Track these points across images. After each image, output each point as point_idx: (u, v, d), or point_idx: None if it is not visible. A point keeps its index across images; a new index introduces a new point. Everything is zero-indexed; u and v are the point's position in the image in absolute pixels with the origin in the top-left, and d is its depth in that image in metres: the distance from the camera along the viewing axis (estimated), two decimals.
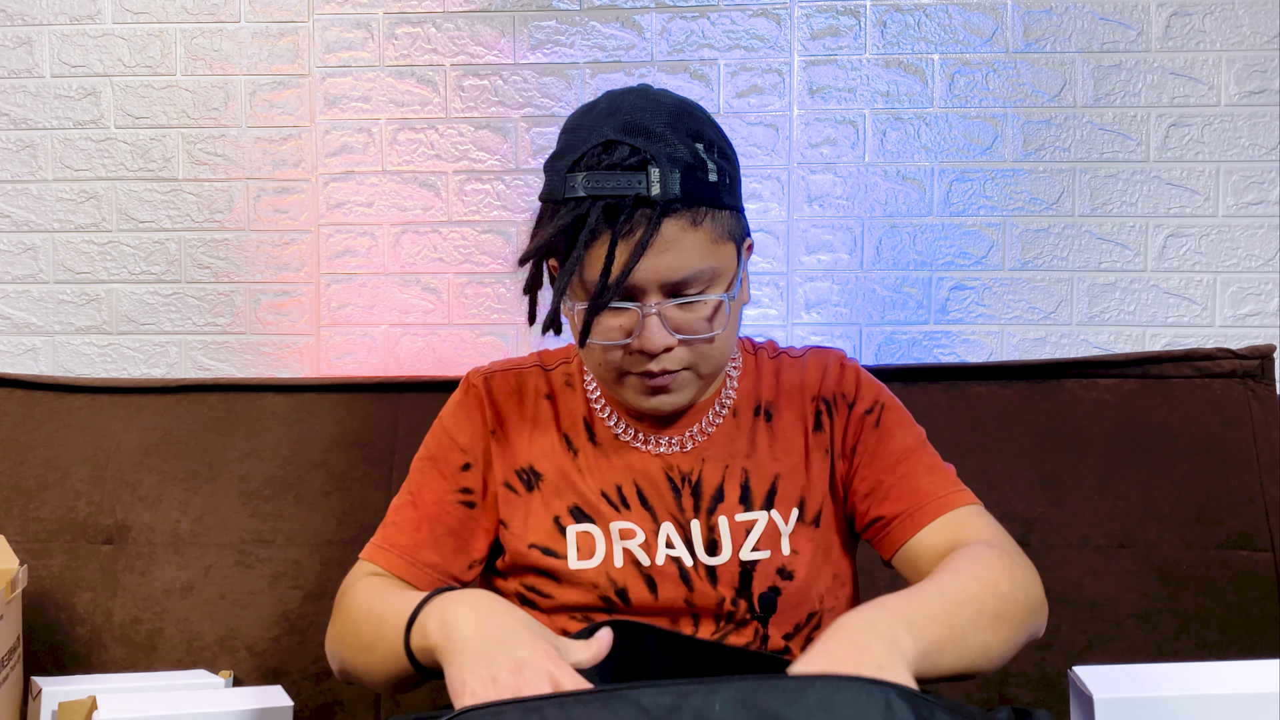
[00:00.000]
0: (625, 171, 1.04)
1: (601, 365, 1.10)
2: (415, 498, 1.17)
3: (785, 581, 1.11)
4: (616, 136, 1.05)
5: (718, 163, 1.08)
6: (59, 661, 1.54)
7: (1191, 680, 0.87)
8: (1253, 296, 1.76)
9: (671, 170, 1.04)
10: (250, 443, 1.62)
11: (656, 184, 1.03)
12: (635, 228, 1.03)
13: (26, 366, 1.84)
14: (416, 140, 1.81)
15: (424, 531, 1.14)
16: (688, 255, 1.05)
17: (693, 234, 1.05)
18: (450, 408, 1.21)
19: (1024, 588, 1.01)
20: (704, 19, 1.78)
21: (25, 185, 1.84)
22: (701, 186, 1.06)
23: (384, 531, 1.16)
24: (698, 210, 1.05)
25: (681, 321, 1.06)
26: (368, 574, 1.13)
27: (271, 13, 1.82)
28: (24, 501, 1.60)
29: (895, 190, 1.78)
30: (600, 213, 1.03)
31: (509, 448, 1.17)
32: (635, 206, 1.03)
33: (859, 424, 1.16)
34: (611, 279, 1.03)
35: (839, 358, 1.21)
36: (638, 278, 1.04)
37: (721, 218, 1.08)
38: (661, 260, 1.04)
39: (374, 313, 1.82)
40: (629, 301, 1.05)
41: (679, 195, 1.04)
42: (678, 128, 1.07)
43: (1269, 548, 1.50)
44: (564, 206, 1.06)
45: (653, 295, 1.05)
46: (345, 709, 1.53)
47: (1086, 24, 1.75)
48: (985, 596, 0.96)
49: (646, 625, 1.03)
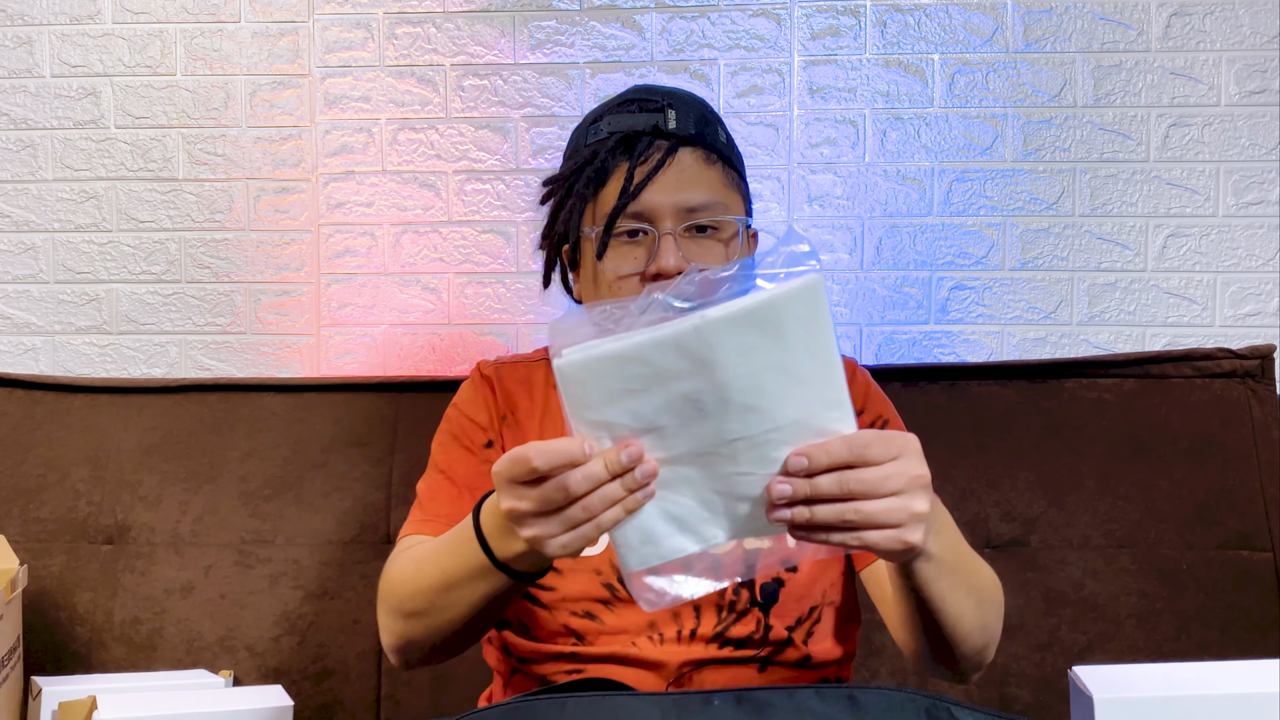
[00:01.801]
0: (645, 112, 1.12)
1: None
2: (448, 473, 1.16)
3: (789, 573, 1.11)
4: (638, 95, 1.16)
5: (728, 134, 1.17)
6: (59, 661, 1.53)
7: (1191, 680, 0.87)
8: (1253, 296, 1.76)
9: (688, 115, 1.12)
10: (250, 443, 1.62)
11: (674, 120, 1.11)
12: (652, 155, 1.10)
13: (26, 366, 1.84)
14: (416, 140, 1.81)
15: (466, 500, 1.11)
16: (702, 184, 1.10)
17: (708, 169, 1.12)
18: (463, 393, 1.22)
19: (998, 607, 1.07)
20: (704, 19, 1.78)
21: (25, 185, 1.84)
22: (715, 138, 1.14)
23: (423, 508, 1.15)
24: (711, 154, 1.12)
25: (696, 251, 1.10)
26: (407, 547, 1.11)
27: (271, 13, 1.82)
28: (24, 501, 1.60)
29: (895, 190, 1.78)
30: (619, 142, 1.11)
31: (520, 433, 1.17)
32: (654, 138, 1.10)
33: None
34: (628, 194, 1.08)
35: (850, 365, 1.21)
36: (653, 197, 1.09)
37: (732, 175, 1.15)
38: (677, 182, 1.09)
39: (374, 313, 1.82)
40: (644, 224, 1.10)
41: (694, 134, 1.12)
42: (695, 98, 1.17)
43: (1269, 548, 1.50)
44: (584, 149, 1.14)
45: (667, 220, 1.09)
46: (345, 709, 1.53)
47: (1086, 24, 1.75)
48: (984, 579, 1.03)
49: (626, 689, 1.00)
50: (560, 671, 1.12)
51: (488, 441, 1.17)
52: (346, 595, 1.55)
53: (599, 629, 1.11)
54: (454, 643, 1.04)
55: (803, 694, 0.83)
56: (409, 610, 1.03)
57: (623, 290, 1.09)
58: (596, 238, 1.10)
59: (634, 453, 0.79)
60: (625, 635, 1.10)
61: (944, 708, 0.82)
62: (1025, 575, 1.51)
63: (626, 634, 1.10)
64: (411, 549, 1.08)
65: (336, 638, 1.54)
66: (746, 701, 0.83)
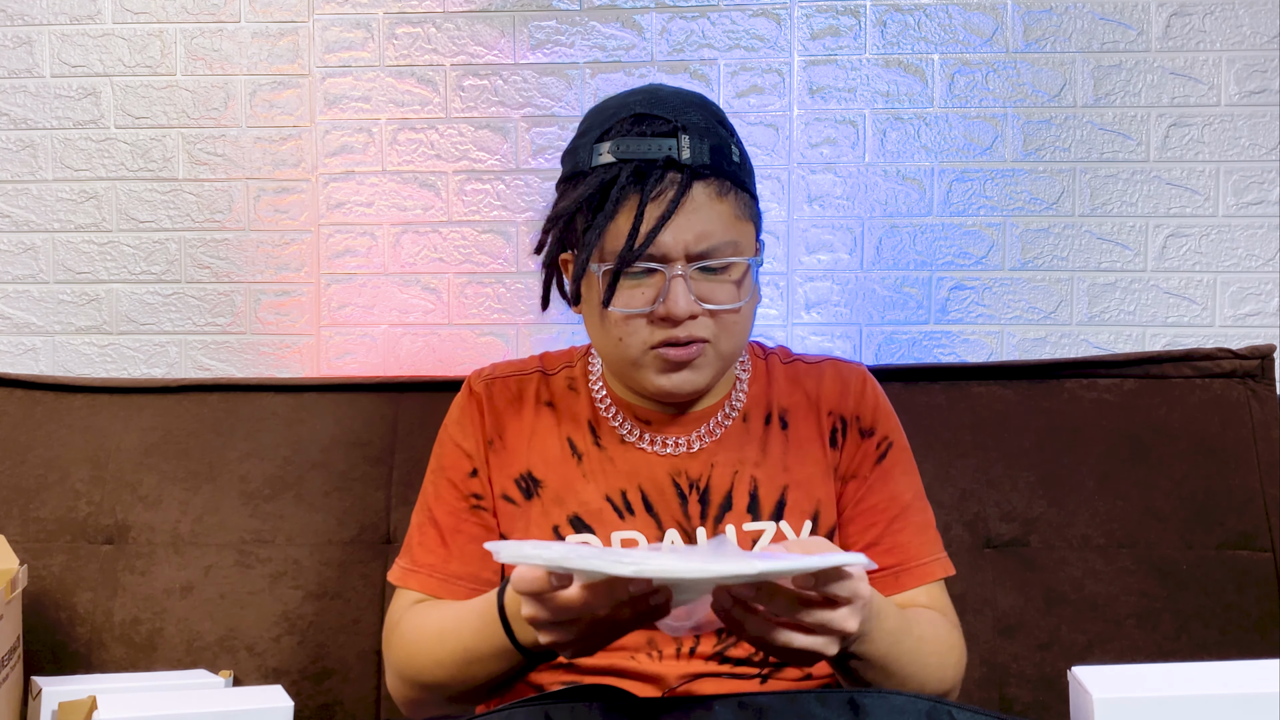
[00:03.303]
0: (656, 137, 1.04)
1: (621, 342, 1.07)
2: (432, 514, 1.16)
3: None
4: (645, 110, 1.06)
5: (740, 148, 1.10)
6: (59, 661, 1.53)
7: (1191, 680, 0.87)
8: (1253, 296, 1.76)
9: (701, 140, 1.04)
10: (250, 443, 1.62)
11: (687, 149, 1.03)
12: (665, 190, 1.03)
13: (26, 366, 1.84)
14: (416, 140, 1.81)
15: (448, 546, 1.14)
16: (715, 223, 1.05)
17: (720, 204, 1.05)
18: (453, 413, 1.21)
19: (955, 669, 1.09)
20: (704, 19, 1.78)
21: (25, 185, 1.84)
22: (728, 162, 1.06)
23: (410, 553, 1.16)
24: (724, 183, 1.05)
25: (706, 291, 1.05)
26: (409, 604, 1.13)
27: (271, 13, 1.82)
28: (24, 501, 1.60)
29: (895, 190, 1.78)
30: (630, 174, 1.03)
31: (507, 457, 1.16)
32: (665, 169, 1.03)
33: (867, 454, 1.15)
34: (639, 238, 1.02)
35: (861, 375, 1.19)
36: (665, 239, 1.03)
37: (744, 199, 1.08)
38: (690, 223, 1.03)
39: (374, 313, 1.82)
40: (655, 264, 1.04)
41: (709, 164, 1.04)
42: (704, 110, 1.08)
43: (1269, 548, 1.50)
44: (590, 175, 1.05)
45: (678, 261, 1.04)
46: (345, 709, 1.53)
47: (1086, 24, 1.75)
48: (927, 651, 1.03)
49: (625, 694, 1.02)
50: (556, 682, 1.11)
51: (473, 470, 1.16)
52: (346, 595, 1.55)
53: None
54: (470, 702, 1.05)
55: (804, 699, 0.83)
56: (427, 682, 1.05)
57: (629, 328, 1.06)
58: (605, 276, 1.05)
59: (661, 598, 0.80)
60: (624, 652, 1.10)
61: (944, 710, 0.82)
62: (1025, 575, 1.51)
63: (625, 650, 1.10)
64: (419, 617, 1.09)
65: (336, 638, 1.54)
66: (747, 707, 0.82)
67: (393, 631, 1.11)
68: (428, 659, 1.04)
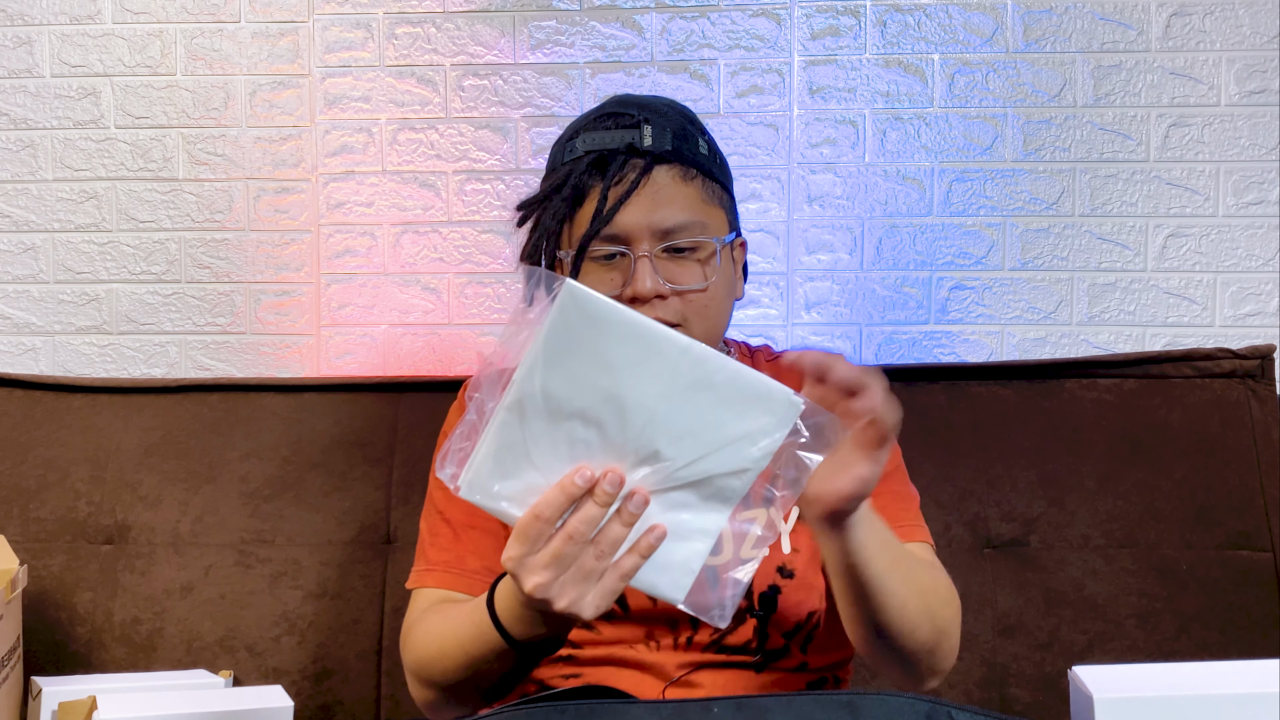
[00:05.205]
0: (620, 129, 1.09)
1: None
2: (443, 514, 1.17)
3: (785, 580, 1.11)
4: (614, 109, 1.12)
5: (710, 143, 1.14)
6: (59, 661, 1.53)
7: (1191, 680, 0.87)
8: (1253, 296, 1.76)
9: (664, 130, 1.09)
10: (250, 443, 1.62)
11: (649, 137, 1.08)
12: (626, 174, 1.08)
13: (26, 366, 1.84)
14: (416, 140, 1.81)
15: (462, 542, 1.15)
16: (678, 204, 1.08)
17: (685, 186, 1.09)
18: (451, 419, 1.24)
19: (949, 604, 1.06)
20: (704, 19, 1.78)
21: (25, 185, 1.84)
22: (693, 151, 1.11)
23: (425, 556, 1.17)
24: (689, 169, 1.10)
25: (673, 272, 1.08)
26: (426, 606, 1.13)
27: (271, 13, 1.82)
28: (24, 501, 1.60)
29: (895, 190, 1.78)
30: (592, 162, 1.09)
31: None
32: (629, 156, 1.08)
33: None
34: (600, 219, 1.06)
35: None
36: (628, 219, 1.07)
37: (713, 187, 1.12)
38: (652, 203, 1.07)
39: (374, 313, 1.82)
40: (620, 246, 1.08)
41: (670, 149, 1.09)
42: (673, 108, 1.14)
43: (1269, 548, 1.50)
44: (559, 169, 1.12)
45: (643, 242, 1.07)
46: (345, 709, 1.53)
47: (1086, 24, 1.75)
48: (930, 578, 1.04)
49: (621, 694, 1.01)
50: (557, 676, 1.12)
51: None
52: (346, 595, 1.55)
53: (596, 638, 1.11)
54: (483, 702, 1.05)
55: (801, 701, 0.83)
56: (442, 685, 1.05)
57: None
58: (571, 262, 1.09)
59: (614, 479, 0.79)
60: (623, 644, 1.11)
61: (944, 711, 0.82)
62: (1025, 575, 1.51)
63: (624, 642, 1.11)
64: (430, 620, 1.09)
65: (336, 638, 1.54)
66: (746, 708, 0.83)
67: (408, 636, 1.12)
68: (435, 665, 1.06)
